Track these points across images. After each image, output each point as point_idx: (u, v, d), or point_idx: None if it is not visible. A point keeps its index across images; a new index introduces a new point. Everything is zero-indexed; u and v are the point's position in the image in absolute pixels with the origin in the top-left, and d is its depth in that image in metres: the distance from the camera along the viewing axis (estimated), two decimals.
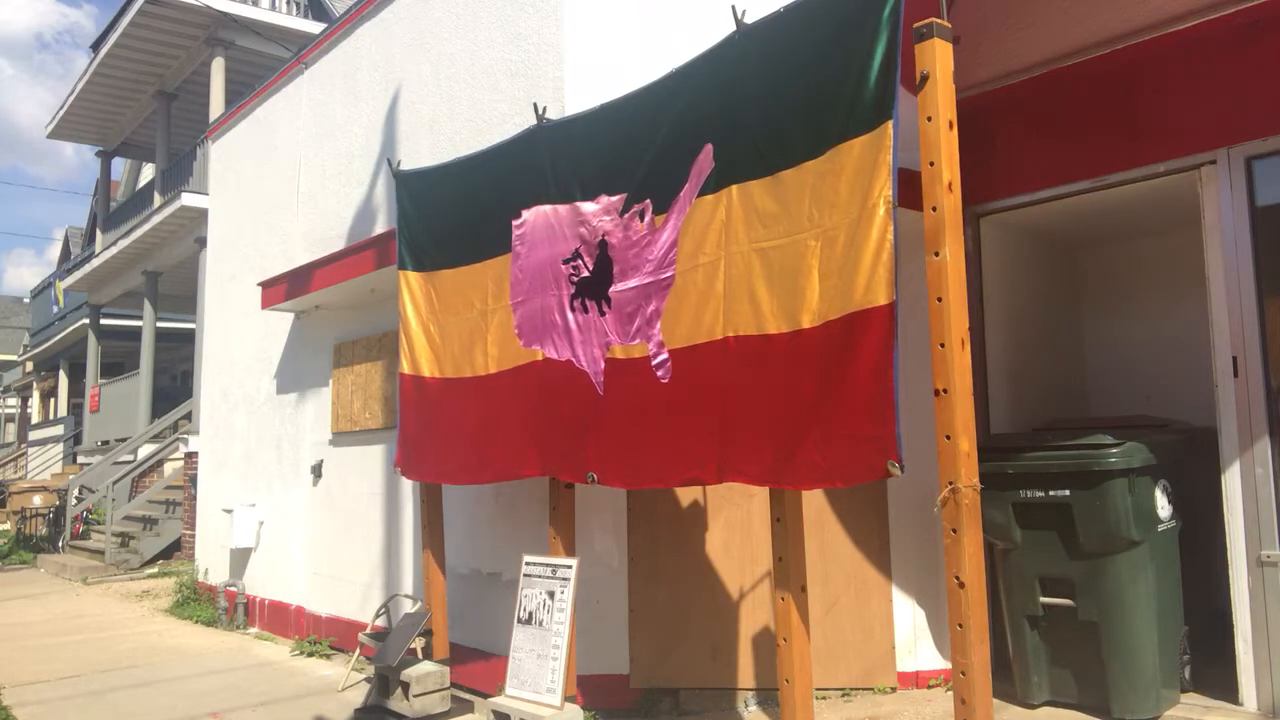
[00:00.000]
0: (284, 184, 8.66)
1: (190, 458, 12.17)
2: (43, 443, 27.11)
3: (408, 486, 6.52)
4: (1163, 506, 4.57)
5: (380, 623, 6.25)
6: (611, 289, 4.32)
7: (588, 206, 4.50)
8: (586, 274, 4.49)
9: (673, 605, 5.24)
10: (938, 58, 3.17)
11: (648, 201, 4.18)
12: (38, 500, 16.98)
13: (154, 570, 12.42)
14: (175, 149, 16.80)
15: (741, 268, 3.70)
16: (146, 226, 15.66)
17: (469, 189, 5.29)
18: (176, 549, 12.89)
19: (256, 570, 8.64)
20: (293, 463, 8.22)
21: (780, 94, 3.60)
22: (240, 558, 8.83)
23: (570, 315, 4.55)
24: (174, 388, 21.99)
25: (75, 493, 15.34)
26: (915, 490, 5.02)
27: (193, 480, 11.52)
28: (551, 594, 4.56)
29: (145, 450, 15.33)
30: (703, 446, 3.81)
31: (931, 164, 3.18)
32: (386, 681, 5.32)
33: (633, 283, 4.22)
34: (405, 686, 5.16)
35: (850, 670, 5.20)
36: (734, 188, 3.77)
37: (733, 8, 3.77)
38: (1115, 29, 4.90)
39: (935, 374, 3.16)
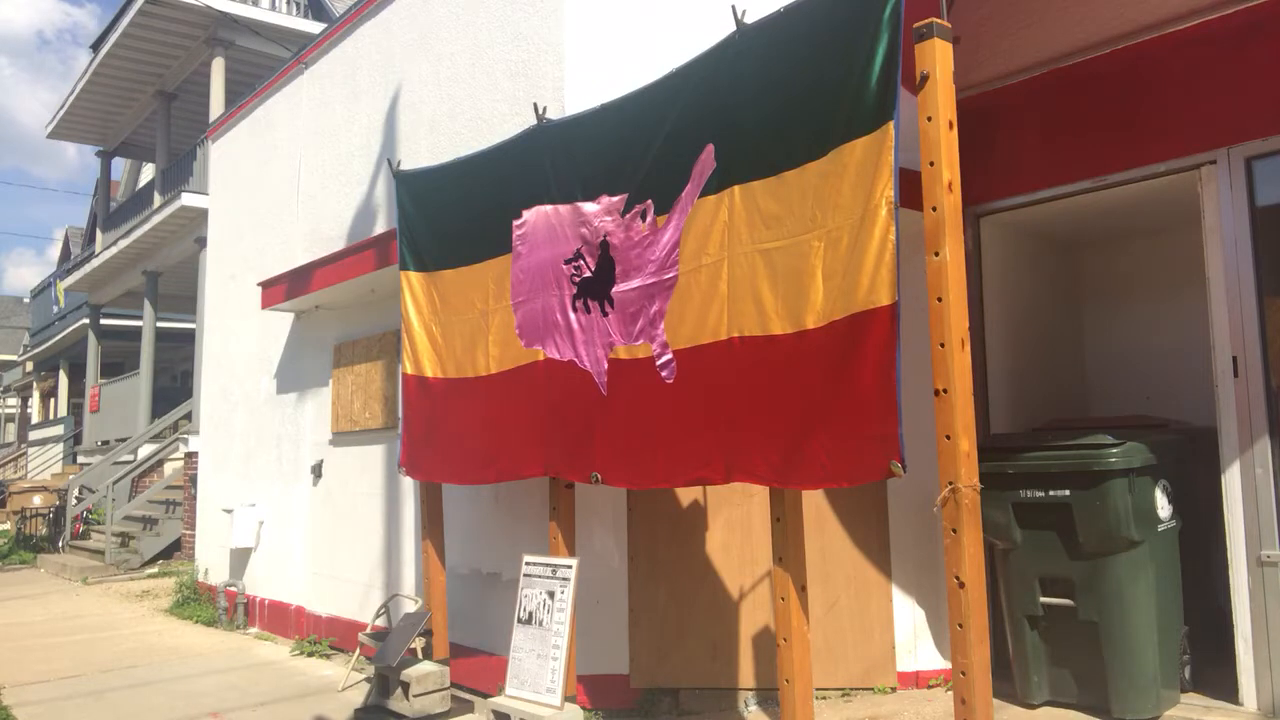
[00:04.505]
0: (284, 184, 8.67)
1: (190, 458, 12.17)
2: (43, 443, 27.11)
3: (408, 486, 6.52)
4: (1163, 506, 4.57)
5: (380, 623, 6.25)
6: (614, 289, 4.33)
7: (589, 207, 4.50)
8: (588, 274, 4.49)
9: (673, 605, 5.25)
10: (938, 58, 3.18)
11: (649, 202, 4.18)
12: (38, 500, 16.98)
13: (154, 570, 12.43)
14: (175, 149, 16.80)
15: (745, 268, 3.71)
16: (146, 226, 15.66)
17: (469, 189, 5.29)
18: (176, 549, 12.89)
19: (256, 570, 8.64)
20: (293, 463, 8.22)
21: (781, 94, 3.61)
22: (240, 558, 8.83)
23: (572, 315, 4.56)
24: (174, 388, 21.98)
25: (75, 493, 15.34)
26: (915, 490, 5.02)
27: (193, 480, 11.52)
28: (551, 594, 4.56)
29: (145, 450, 15.33)
30: (709, 447, 3.82)
31: (931, 164, 3.18)
32: (386, 681, 5.32)
33: (635, 283, 4.23)
34: (405, 686, 5.16)
35: (850, 670, 5.21)
36: (736, 188, 3.77)
37: (733, 8, 3.77)
38: (1115, 29, 4.91)
39: (935, 374, 3.17)
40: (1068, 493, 4.47)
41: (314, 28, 14.27)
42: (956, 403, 3.11)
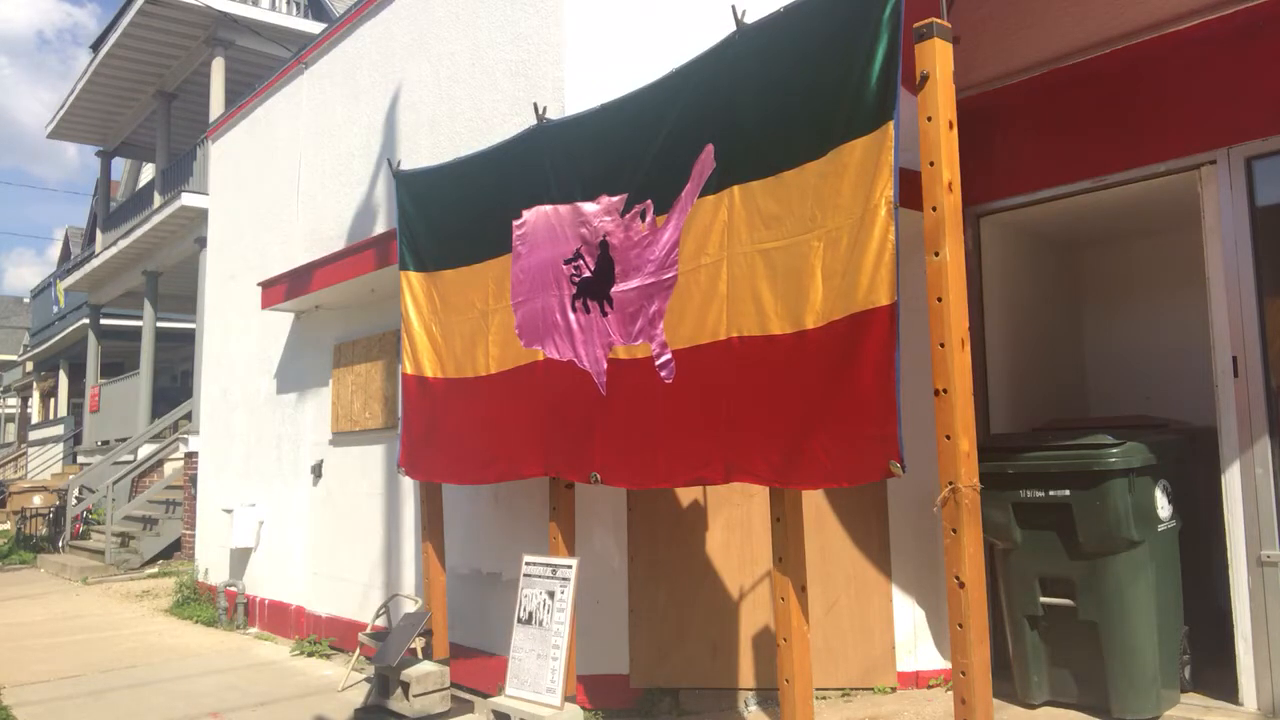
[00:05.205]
0: (284, 184, 8.67)
1: (190, 458, 12.17)
2: (43, 443, 27.11)
3: (408, 486, 6.52)
4: (1163, 506, 4.57)
5: (380, 623, 6.25)
6: (613, 289, 4.33)
7: (588, 206, 4.50)
8: (588, 274, 4.49)
9: (673, 605, 5.24)
10: (938, 58, 3.18)
11: (649, 202, 4.18)
12: (38, 500, 16.98)
13: (154, 570, 12.43)
14: (175, 149, 16.80)
15: (744, 268, 3.71)
16: (146, 226, 15.66)
17: (469, 189, 5.29)
18: (176, 549, 12.89)
19: (256, 570, 8.64)
20: (293, 463, 8.22)
21: (781, 95, 3.60)
22: (240, 558, 8.83)
23: (572, 316, 4.55)
24: (174, 388, 21.99)
25: (75, 493, 15.34)
26: (915, 490, 5.02)
27: (193, 480, 11.52)
28: (551, 594, 4.56)
29: (145, 450, 15.33)
30: (708, 446, 3.82)
31: (931, 164, 3.18)
32: (386, 681, 5.32)
33: (634, 283, 4.23)
34: (405, 686, 5.16)
35: (850, 670, 5.21)
36: (736, 188, 3.77)
37: (733, 8, 3.77)
38: (1115, 29, 4.91)
39: (935, 374, 3.17)
40: (1068, 493, 4.47)
41: (314, 28, 14.27)
42: (956, 403, 3.11)
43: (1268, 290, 4.48)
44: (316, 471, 7.83)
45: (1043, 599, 4.65)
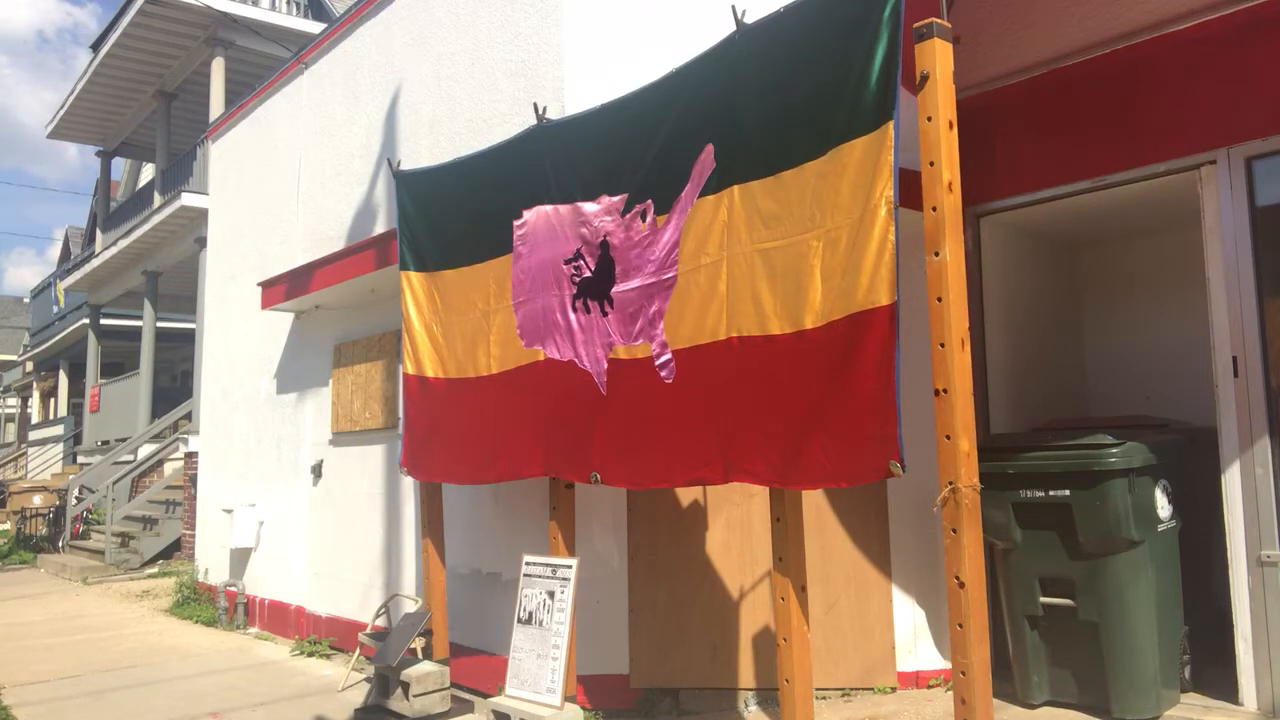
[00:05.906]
0: (284, 184, 8.67)
1: (190, 458, 12.17)
2: (43, 443, 27.11)
3: (408, 486, 6.52)
4: (1163, 506, 4.57)
5: (380, 623, 6.25)
6: (613, 289, 4.33)
7: (589, 206, 4.50)
8: (588, 274, 4.49)
9: (673, 605, 5.25)
10: (938, 58, 3.18)
11: (649, 202, 4.18)
12: (38, 500, 16.98)
13: (154, 570, 12.43)
14: (175, 149, 16.80)
15: (744, 268, 3.71)
16: (146, 226, 15.67)
17: (470, 189, 5.30)
18: (176, 549, 12.89)
19: (256, 570, 8.65)
20: (293, 463, 8.22)
21: (781, 94, 3.61)
22: (240, 558, 8.84)
23: (572, 315, 4.56)
24: (174, 388, 21.99)
25: (75, 493, 15.34)
26: (915, 490, 5.02)
27: (193, 480, 11.52)
28: (551, 594, 4.56)
29: (145, 450, 15.33)
30: (708, 447, 3.82)
31: (931, 164, 3.18)
32: (386, 681, 5.33)
33: (635, 283, 4.23)
34: (405, 686, 5.16)
35: (850, 670, 5.21)
36: (735, 188, 3.77)
37: (733, 8, 3.77)
38: (1115, 29, 4.91)
39: (935, 374, 3.17)
40: (1068, 493, 4.47)
41: (314, 28, 14.27)
42: (956, 403, 3.11)
43: (1268, 290, 4.48)
44: (316, 471, 7.83)
45: (1043, 599, 4.65)
